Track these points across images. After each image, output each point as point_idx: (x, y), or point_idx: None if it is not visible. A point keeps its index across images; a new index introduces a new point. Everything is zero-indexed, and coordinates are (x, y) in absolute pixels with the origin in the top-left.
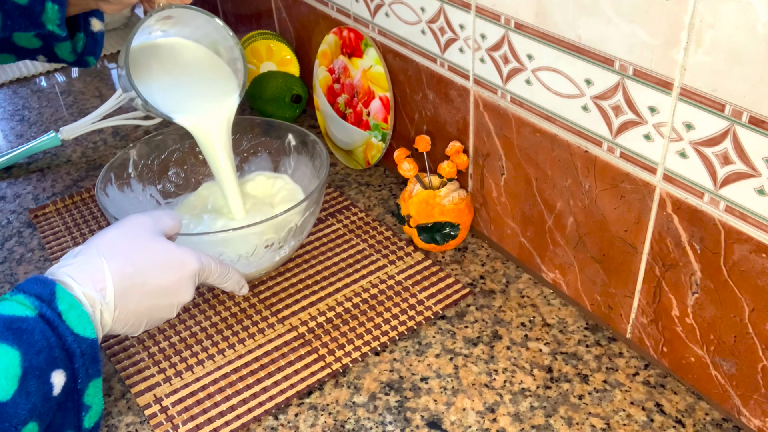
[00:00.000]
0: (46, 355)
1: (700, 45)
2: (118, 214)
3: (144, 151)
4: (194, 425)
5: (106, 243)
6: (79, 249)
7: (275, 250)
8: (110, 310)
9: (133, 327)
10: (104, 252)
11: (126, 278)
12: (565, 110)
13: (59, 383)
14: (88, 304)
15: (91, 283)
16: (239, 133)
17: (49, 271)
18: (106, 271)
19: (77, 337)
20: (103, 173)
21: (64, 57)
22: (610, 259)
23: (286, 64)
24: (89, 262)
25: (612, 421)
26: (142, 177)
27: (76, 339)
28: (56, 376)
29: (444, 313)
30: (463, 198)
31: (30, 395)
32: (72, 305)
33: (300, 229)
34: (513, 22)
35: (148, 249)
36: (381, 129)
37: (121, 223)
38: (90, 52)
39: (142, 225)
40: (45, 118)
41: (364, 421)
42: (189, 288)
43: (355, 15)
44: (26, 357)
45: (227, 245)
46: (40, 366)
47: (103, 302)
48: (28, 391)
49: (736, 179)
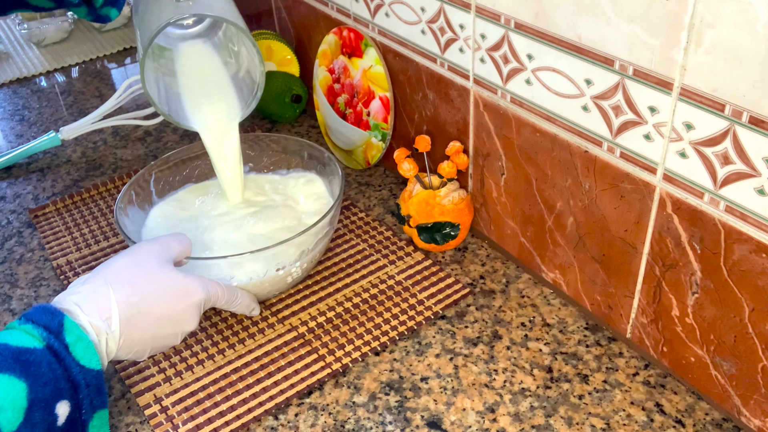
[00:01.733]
0: (52, 387)
1: (700, 45)
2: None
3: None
4: (194, 425)
5: (113, 272)
6: (87, 277)
7: (287, 272)
8: (115, 339)
9: (137, 354)
10: (111, 281)
11: (132, 307)
12: (565, 110)
13: (63, 414)
14: (94, 333)
15: (97, 312)
16: (259, 150)
17: (56, 299)
18: (112, 300)
19: (83, 368)
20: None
21: (80, 16)
22: (610, 259)
23: (286, 64)
24: (96, 290)
25: (612, 421)
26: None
27: (82, 370)
28: (61, 406)
29: (444, 313)
30: (463, 198)
31: (35, 426)
32: (79, 337)
33: (311, 250)
34: (513, 22)
35: (154, 278)
36: (381, 129)
37: (131, 251)
38: (110, 3)
39: (150, 253)
40: (45, 118)
41: (364, 421)
42: (194, 317)
43: (355, 15)
44: (33, 389)
45: (237, 268)
46: (45, 397)
47: (108, 331)
48: (33, 422)
49: (736, 179)
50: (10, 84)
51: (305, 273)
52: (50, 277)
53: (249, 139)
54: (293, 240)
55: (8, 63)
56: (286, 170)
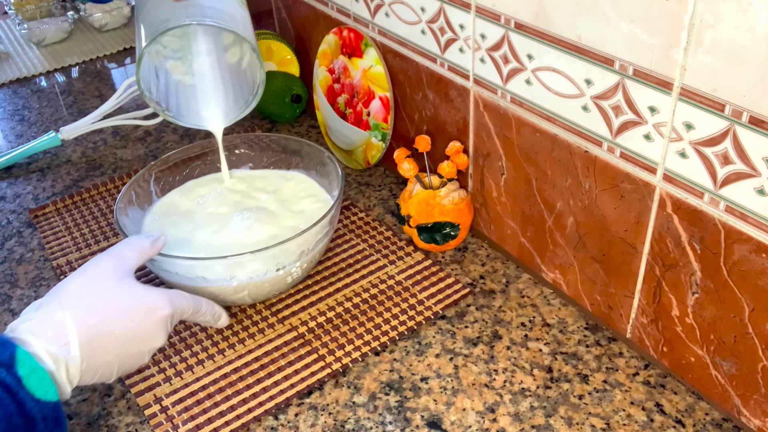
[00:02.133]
0: (5, 424)
1: (700, 45)
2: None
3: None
4: (194, 425)
5: (68, 294)
6: (42, 301)
7: (287, 272)
8: (77, 364)
9: (103, 376)
10: (66, 304)
11: (91, 329)
12: (565, 110)
13: None
14: (50, 362)
15: (54, 338)
16: (259, 150)
17: (10, 326)
18: (69, 325)
19: (38, 402)
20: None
21: None
22: (610, 259)
23: (286, 64)
24: (51, 315)
25: (612, 421)
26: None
27: (38, 404)
28: None
29: (444, 313)
30: (463, 198)
31: None
32: (33, 369)
33: (311, 250)
34: (513, 22)
35: (113, 295)
36: (381, 129)
37: (84, 268)
38: None
39: (105, 268)
40: (45, 118)
41: (364, 421)
42: (161, 333)
43: (355, 15)
44: None
45: (237, 268)
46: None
47: (68, 357)
48: None
49: (736, 179)
50: (10, 84)
51: (305, 273)
52: (50, 277)
53: (249, 139)
54: (293, 240)
55: (8, 63)
56: (286, 170)
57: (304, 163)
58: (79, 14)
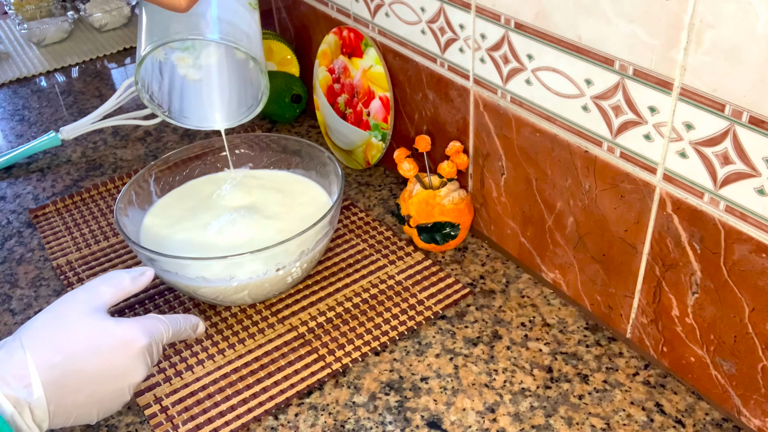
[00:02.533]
0: None
1: (700, 45)
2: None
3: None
4: (194, 425)
5: (30, 332)
6: (5, 341)
7: (287, 272)
8: (43, 407)
9: (80, 418)
10: (27, 343)
11: (55, 369)
12: (565, 110)
13: None
14: (9, 406)
15: (14, 380)
16: (259, 150)
17: None
18: (30, 365)
19: None
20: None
21: None
22: (610, 259)
23: (286, 64)
24: (11, 356)
25: (612, 421)
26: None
27: None
28: None
29: (444, 313)
30: (463, 198)
31: None
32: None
33: (311, 250)
34: (513, 22)
35: (80, 331)
36: (381, 129)
37: (52, 306)
38: None
39: (74, 303)
40: (45, 118)
41: (364, 421)
42: (139, 366)
43: (355, 15)
44: None
45: (237, 268)
46: None
47: (30, 400)
48: None
49: (736, 179)
50: (10, 84)
51: (305, 273)
52: (50, 277)
53: (249, 139)
54: (293, 240)
55: (8, 63)
56: (286, 170)
57: (304, 163)
58: (79, 14)
